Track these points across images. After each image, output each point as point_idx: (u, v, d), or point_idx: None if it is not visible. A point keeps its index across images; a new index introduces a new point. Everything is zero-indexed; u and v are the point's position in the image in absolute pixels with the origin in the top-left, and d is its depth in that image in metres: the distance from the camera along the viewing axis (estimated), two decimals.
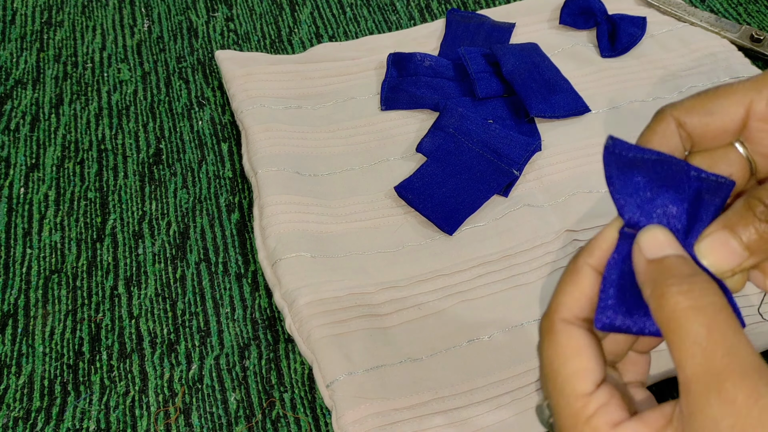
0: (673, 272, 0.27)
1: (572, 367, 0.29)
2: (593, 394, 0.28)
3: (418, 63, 0.65)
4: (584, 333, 0.29)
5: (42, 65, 0.70)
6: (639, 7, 0.73)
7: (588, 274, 0.30)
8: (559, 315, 0.29)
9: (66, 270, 0.55)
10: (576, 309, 0.29)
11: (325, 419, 0.48)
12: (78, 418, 0.48)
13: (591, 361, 0.29)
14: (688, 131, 0.30)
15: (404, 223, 0.56)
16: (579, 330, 0.29)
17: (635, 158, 0.29)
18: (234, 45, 0.71)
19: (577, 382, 0.28)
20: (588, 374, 0.28)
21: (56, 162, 0.62)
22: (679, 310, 0.26)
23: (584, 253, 0.30)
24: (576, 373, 0.28)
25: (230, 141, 0.63)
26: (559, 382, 0.29)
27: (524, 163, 0.58)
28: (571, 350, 0.29)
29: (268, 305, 0.53)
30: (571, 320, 0.29)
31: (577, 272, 0.30)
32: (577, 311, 0.29)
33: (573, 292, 0.29)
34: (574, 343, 0.29)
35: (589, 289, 0.29)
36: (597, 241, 0.30)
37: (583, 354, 0.29)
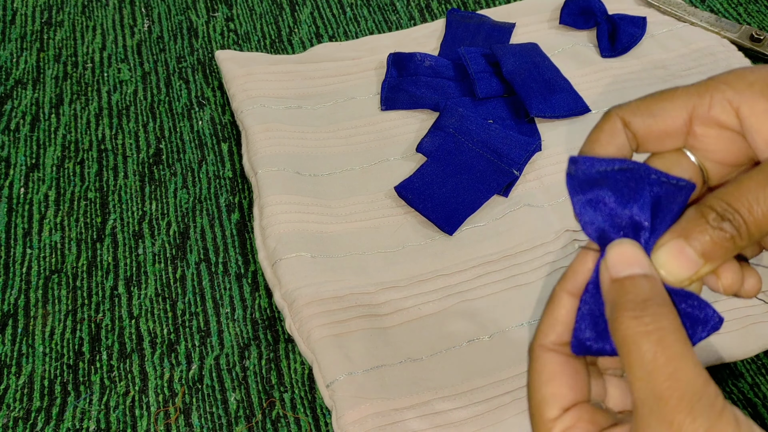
0: (629, 296, 0.28)
1: (543, 393, 0.30)
2: (558, 419, 0.29)
3: (418, 63, 0.65)
4: (560, 358, 0.30)
5: (42, 65, 0.70)
6: (639, 7, 0.73)
7: (563, 301, 0.31)
8: (538, 342, 0.31)
9: (66, 270, 0.55)
10: (553, 335, 0.31)
11: (325, 419, 0.48)
12: (78, 418, 0.48)
13: (561, 386, 0.30)
14: (633, 131, 0.31)
15: (404, 223, 0.56)
16: (555, 356, 0.30)
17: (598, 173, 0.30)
18: (234, 45, 0.71)
19: (545, 407, 0.30)
20: (556, 400, 0.30)
21: (56, 162, 0.62)
22: (629, 335, 0.27)
23: (561, 280, 0.31)
24: (544, 398, 0.30)
25: (230, 141, 0.63)
26: (531, 407, 0.30)
27: (524, 163, 0.58)
28: (544, 376, 0.30)
29: (268, 305, 0.53)
30: (548, 347, 0.31)
31: (554, 299, 0.31)
32: (554, 337, 0.31)
33: (549, 319, 0.31)
34: (548, 369, 0.30)
35: (564, 316, 0.31)
36: (572, 266, 0.31)
37: (555, 380, 0.30)
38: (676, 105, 0.31)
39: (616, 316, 0.28)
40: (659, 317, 0.27)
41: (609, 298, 0.29)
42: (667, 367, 0.26)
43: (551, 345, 0.30)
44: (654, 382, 0.26)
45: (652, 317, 0.27)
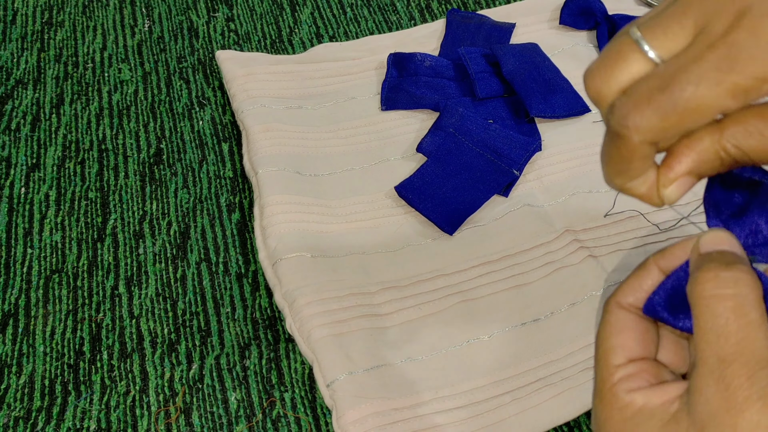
0: (712, 261, 0.28)
1: (611, 343, 0.30)
2: (622, 367, 0.30)
3: (418, 63, 0.65)
4: (632, 317, 0.31)
5: (43, 65, 0.70)
6: (639, 7, 0.73)
7: (653, 272, 0.31)
8: (615, 299, 0.31)
9: (67, 270, 0.55)
10: (632, 298, 0.31)
11: (325, 419, 0.48)
12: (78, 418, 0.48)
13: (629, 339, 0.30)
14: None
15: (404, 223, 0.56)
16: (628, 314, 0.31)
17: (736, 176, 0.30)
18: (234, 45, 0.71)
19: (612, 355, 0.30)
20: (622, 350, 0.30)
21: (57, 162, 0.62)
22: (705, 296, 0.27)
23: (658, 254, 0.31)
24: (613, 347, 0.30)
25: (231, 141, 0.63)
26: (599, 354, 0.31)
27: (524, 163, 0.58)
28: (614, 329, 0.31)
29: (268, 305, 0.53)
30: (624, 306, 0.31)
31: (644, 267, 0.31)
32: (633, 300, 0.31)
33: (634, 284, 0.31)
34: (620, 324, 0.31)
35: (649, 286, 0.31)
36: (673, 248, 0.31)
37: (624, 333, 0.30)
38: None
39: (695, 277, 0.28)
40: (740, 283, 0.27)
41: (693, 267, 0.29)
42: (738, 333, 0.26)
43: (627, 305, 0.31)
44: (722, 345, 0.26)
45: (733, 281, 0.27)
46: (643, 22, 0.29)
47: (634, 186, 0.30)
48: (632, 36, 0.29)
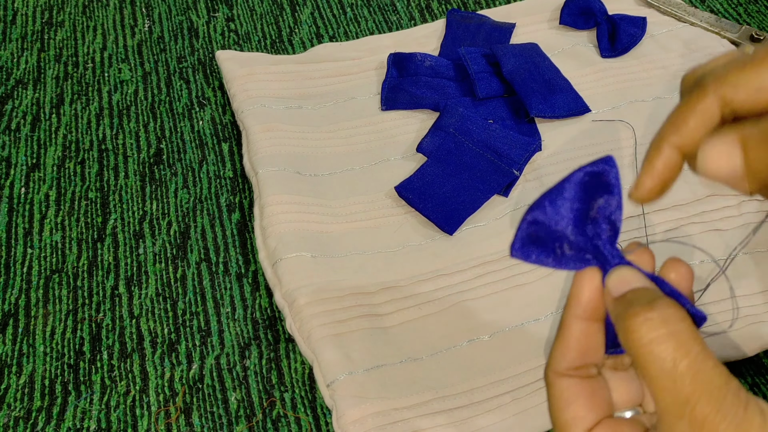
0: (633, 303, 0.28)
1: (564, 418, 0.30)
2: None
3: (418, 63, 0.65)
4: (575, 382, 0.30)
5: (43, 65, 0.70)
6: (639, 7, 0.73)
7: (572, 327, 0.31)
8: (552, 369, 0.31)
9: (67, 270, 0.55)
10: (564, 362, 0.31)
11: (325, 419, 0.48)
12: (79, 418, 0.48)
13: (580, 409, 0.30)
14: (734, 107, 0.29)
15: (404, 223, 0.56)
16: (570, 381, 0.30)
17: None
18: (234, 45, 0.71)
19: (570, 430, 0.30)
20: (577, 423, 0.30)
21: (57, 162, 0.62)
22: (643, 343, 0.27)
23: (566, 306, 0.31)
24: (567, 423, 0.30)
25: (231, 141, 0.63)
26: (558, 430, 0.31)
27: (524, 163, 0.58)
28: (563, 401, 0.30)
29: (268, 305, 0.53)
30: (562, 372, 0.31)
31: (563, 326, 0.31)
32: (566, 363, 0.31)
33: (560, 346, 0.31)
34: (566, 394, 0.30)
35: (574, 341, 0.31)
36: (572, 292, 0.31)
37: (574, 403, 0.30)
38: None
39: (626, 326, 0.27)
40: (670, 319, 0.27)
41: (614, 316, 0.29)
42: (690, 368, 0.26)
43: (565, 371, 0.31)
44: (679, 387, 0.26)
45: (662, 319, 0.27)
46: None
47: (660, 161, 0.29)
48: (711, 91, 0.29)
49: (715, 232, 0.55)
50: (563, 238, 0.30)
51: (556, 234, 0.30)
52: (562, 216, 0.30)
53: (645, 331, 0.27)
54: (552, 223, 0.30)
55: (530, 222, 0.30)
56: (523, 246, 0.30)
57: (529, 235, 0.30)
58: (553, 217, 0.30)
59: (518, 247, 0.30)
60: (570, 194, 0.30)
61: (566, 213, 0.30)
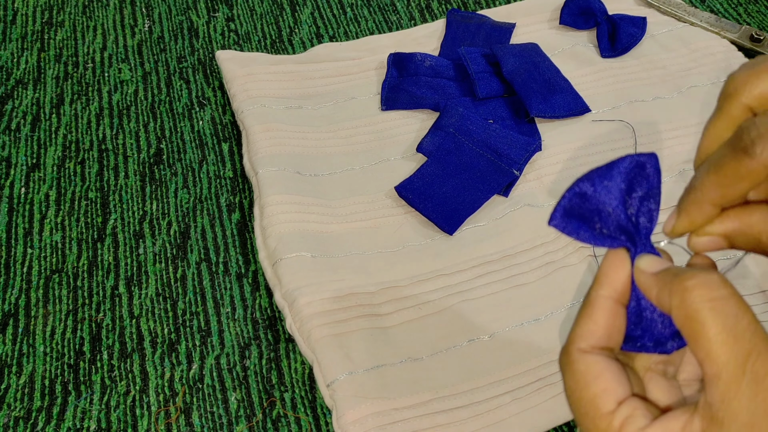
0: (684, 273, 0.28)
1: (593, 390, 0.30)
2: (616, 411, 0.29)
3: (418, 63, 0.65)
4: (602, 359, 0.30)
5: (43, 65, 0.70)
6: (639, 7, 0.73)
7: (601, 306, 0.31)
8: (576, 346, 0.31)
9: (67, 270, 0.55)
10: (592, 340, 0.31)
11: (325, 419, 0.48)
12: (79, 418, 0.48)
13: (611, 382, 0.30)
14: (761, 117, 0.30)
15: (404, 223, 0.56)
16: (596, 357, 0.30)
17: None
18: (234, 45, 0.71)
19: (600, 402, 0.29)
20: (609, 394, 0.29)
21: (57, 162, 0.62)
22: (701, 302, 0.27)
23: (595, 285, 0.31)
24: (597, 395, 0.30)
25: (231, 141, 0.63)
26: (582, 406, 0.30)
27: (524, 163, 0.58)
28: (590, 376, 0.30)
29: (268, 305, 0.53)
30: (587, 350, 0.30)
31: (590, 305, 0.31)
32: (593, 342, 0.31)
33: (587, 324, 0.31)
34: (593, 369, 0.30)
35: (603, 320, 0.31)
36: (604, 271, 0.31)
37: (602, 377, 0.30)
38: None
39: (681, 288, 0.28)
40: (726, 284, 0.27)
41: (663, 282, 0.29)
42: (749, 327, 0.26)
43: (590, 348, 0.30)
44: (739, 343, 0.26)
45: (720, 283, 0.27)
46: None
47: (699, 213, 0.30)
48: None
49: None
50: (605, 214, 0.30)
51: (600, 209, 0.30)
52: (610, 192, 0.30)
53: (703, 293, 0.27)
54: (598, 197, 0.30)
55: (576, 193, 0.30)
56: (564, 216, 0.30)
57: (572, 206, 0.30)
58: (602, 191, 0.30)
59: (559, 216, 0.30)
60: (618, 177, 0.30)
61: (614, 190, 0.30)
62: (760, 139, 0.28)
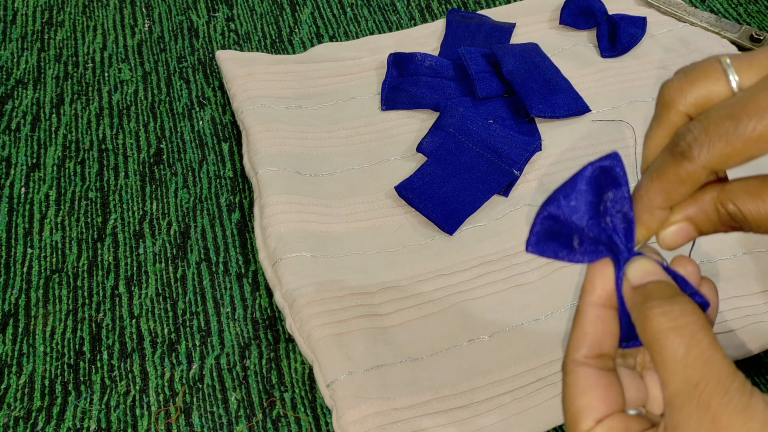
0: (654, 296, 0.29)
1: (577, 406, 0.31)
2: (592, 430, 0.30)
3: (418, 63, 0.65)
4: (592, 372, 0.31)
5: (43, 65, 0.70)
6: (639, 7, 0.73)
7: (589, 313, 0.31)
8: (570, 357, 0.31)
9: (67, 270, 0.55)
10: (583, 349, 0.31)
11: (325, 419, 0.48)
12: (79, 418, 0.48)
13: (594, 399, 0.30)
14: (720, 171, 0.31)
15: (404, 223, 0.56)
16: (587, 369, 0.31)
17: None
18: (234, 45, 0.71)
19: (580, 418, 0.30)
20: (589, 411, 0.30)
21: (57, 162, 0.62)
22: (660, 331, 0.28)
23: (582, 294, 0.32)
24: (579, 410, 0.31)
25: (231, 141, 0.63)
26: (567, 419, 0.31)
27: (524, 163, 0.58)
28: (577, 390, 0.31)
29: (268, 305, 0.53)
30: (580, 361, 0.31)
31: (579, 314, 0.32)
32: (585, 351, 0.31)
33: (578, 334, 0.32)
34: (582, 383, 0.31)
35: (591, 328, 0.31)
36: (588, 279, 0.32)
37: (588, 393, 0.31)
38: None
39: (644, 315, 0.29)
40: (687, 312, 0.28)
41: (634, 303, 0.30)
42: (701, 356, 0.27)
43: (583, 359, 0.31)
44: (689, 371, 0.27)
45: (680, 312, 0.28)
46: (734, 55, 0.31)
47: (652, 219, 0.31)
48: (722, 62, 0.30)
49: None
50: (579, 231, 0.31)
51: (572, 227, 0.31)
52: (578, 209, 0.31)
53: (663, 321, 0.28)
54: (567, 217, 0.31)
55: (545, 217, 0.31)
56: (539, 241, 0.31)
57: (545, 230, 0.31)
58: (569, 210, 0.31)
59: (534, 242, 0.31)
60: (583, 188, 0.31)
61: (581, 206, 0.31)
62: (695, 142, 0.29)
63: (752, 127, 0.28)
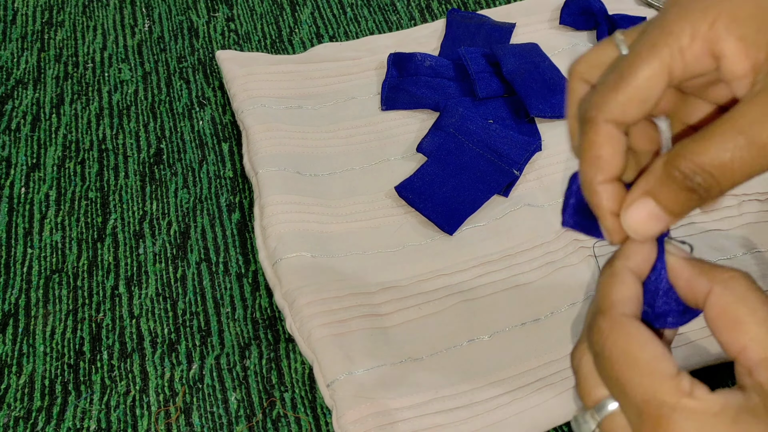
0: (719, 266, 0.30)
1: (651, 352, 0.29)
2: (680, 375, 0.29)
3: (418, 63, 0.65)
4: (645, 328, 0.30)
5: (43, 65, 0.70)
6: (639, 7, 0.73)
7: (630, 277, 0.31)
8: (620, 311, 0.30)
9: (67, 270, 0.55)
10: (632, 306, 0.31)
11: (325, 419, 0.48)
12: (79, 418, 0.48)
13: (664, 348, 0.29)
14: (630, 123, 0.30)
15: (404, 223, 0.56)
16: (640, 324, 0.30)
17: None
18: (234, 45, 0.71)
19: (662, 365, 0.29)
20: (668, 359, 0.29)
21: (57, 162, 0.62)
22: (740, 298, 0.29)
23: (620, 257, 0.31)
24: (656, 357, 0.29)
25: (231, 141, 0.63)
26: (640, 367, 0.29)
27: (524, 163, 0.58)
28: (645, 337, 0.29)
29: (268, 305, 0.53)
30: (630, 315, 0.30)
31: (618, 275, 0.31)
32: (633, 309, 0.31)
33: (624, 292, 0.31)
34: (644, 333, 0.30)
35: (635, 290, 0.31)
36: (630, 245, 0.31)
37: (655, 342, 0.29)
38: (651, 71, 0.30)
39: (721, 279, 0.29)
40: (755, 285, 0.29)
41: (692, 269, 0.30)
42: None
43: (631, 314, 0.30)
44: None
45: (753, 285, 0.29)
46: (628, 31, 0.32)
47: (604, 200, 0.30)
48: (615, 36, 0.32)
49: (716, 232, 0.55)
50: None
51: None
52: None
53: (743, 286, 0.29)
54: None
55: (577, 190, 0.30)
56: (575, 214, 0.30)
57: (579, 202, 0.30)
58: None
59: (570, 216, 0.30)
60: None
61: None
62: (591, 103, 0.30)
63: (636, 74, 0.29)
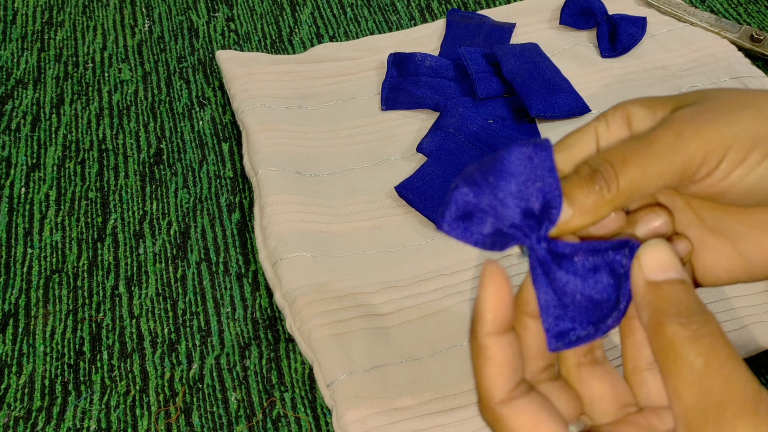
0: (672, 301, 0.27)
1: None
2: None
3: (418, 63, 0.65)
4: (525, 401, 0.28)
5: (43, 65, 0.70)
6: (639, 7, 0.73)
7: (493, 347, 0.28)
8: (493, 402, 0.28)
9: (67, 270, 0.55)
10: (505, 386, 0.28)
11: (325, 419, 0.48)
12: (79, 418, 0.48)
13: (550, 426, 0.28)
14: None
15: (404, 223, 0.56)
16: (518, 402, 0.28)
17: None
18: (235, 45, 0.71)
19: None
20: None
21: (57, 162, 0.62)
22: (677, 339, 0.26)
23: (477, 326, 0.28)
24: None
25: (231, 141, 0.63)
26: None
27: None
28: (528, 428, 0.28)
29: (268, 305, 0.53)
30: (506, 400, 0.28)
31: (483, 352, 0.28)
32: (508, 386, 0.28)
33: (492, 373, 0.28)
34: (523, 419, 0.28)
35: (505, 360, 0.28)
36: (481, 303, 0.28)
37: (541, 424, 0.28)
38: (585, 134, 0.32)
39: (659, 320, 0.26)
40: (706, 322, 0.26)
41: (647, 302, 0.27)
42: (721, 371, 0.25)
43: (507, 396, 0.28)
44: (709, 388, 0.25)
45: (700, 323, 0.26)
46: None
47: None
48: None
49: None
50: (499, 215, 0.27)
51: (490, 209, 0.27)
52: (498, 189, 0.27)
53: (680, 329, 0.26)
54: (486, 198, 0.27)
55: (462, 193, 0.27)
56: (455, 220, 0.27)
57: (461, 207, 0.27)
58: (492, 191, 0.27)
59: (448, 220, 0.27)
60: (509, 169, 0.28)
61: (505, 187, 0.27)
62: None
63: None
